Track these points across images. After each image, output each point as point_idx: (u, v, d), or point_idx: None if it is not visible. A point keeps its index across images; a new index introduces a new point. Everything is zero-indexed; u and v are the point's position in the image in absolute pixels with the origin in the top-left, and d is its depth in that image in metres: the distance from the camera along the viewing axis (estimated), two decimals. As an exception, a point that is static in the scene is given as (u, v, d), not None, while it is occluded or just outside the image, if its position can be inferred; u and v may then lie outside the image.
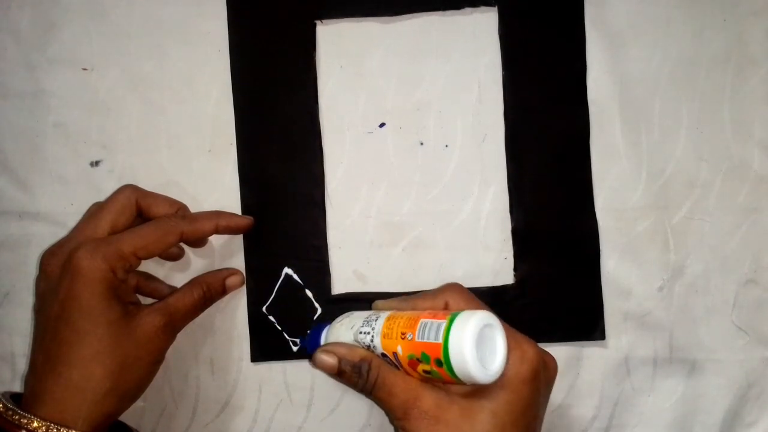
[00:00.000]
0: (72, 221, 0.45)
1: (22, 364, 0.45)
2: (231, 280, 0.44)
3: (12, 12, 0.46)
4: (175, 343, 0.42)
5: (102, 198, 0.45)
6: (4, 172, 0.45)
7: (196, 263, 0.45)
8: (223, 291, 0.43)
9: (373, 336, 0.37)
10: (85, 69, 0.46)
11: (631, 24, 0.46)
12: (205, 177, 0.45)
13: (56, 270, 0.38)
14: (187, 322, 0.42)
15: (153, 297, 0.44)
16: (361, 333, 0.38)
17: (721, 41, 0.46)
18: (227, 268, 0.44)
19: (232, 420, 0.45)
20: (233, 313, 0.45)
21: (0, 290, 0.45)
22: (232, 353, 0.45)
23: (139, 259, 0.39)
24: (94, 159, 0.46)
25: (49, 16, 0.46)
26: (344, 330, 0.39)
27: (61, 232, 0.45)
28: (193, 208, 0.45)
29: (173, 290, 0.43)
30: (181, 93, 0.46)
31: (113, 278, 0.37)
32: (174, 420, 0.45)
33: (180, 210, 0.43)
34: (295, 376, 0.45)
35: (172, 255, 0.44)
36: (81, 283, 0.37)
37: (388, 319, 0.37)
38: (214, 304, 0.45)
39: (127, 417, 0.40)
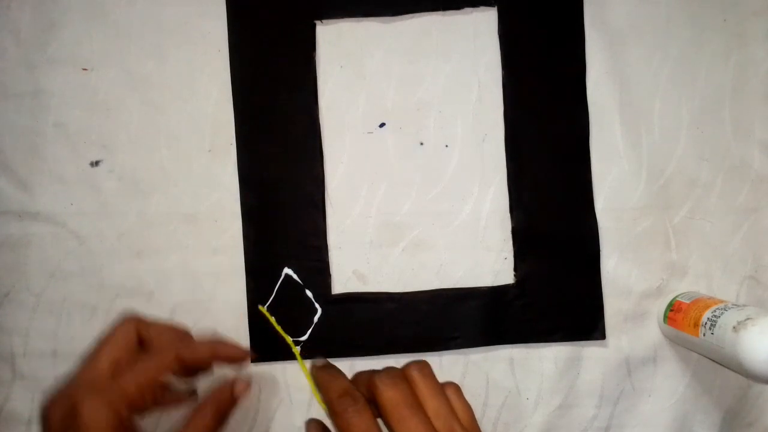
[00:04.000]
0: (72, 221, 0.45)
1: (22, 364, 0.45)
2: (239, 390, 0.40)
3: (12, 12, 0.46)
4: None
5: (102, 198, 0.45)
6: (4, 172, 0.45)
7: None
8: (233, 402, 0.40)
9: None
10: (85, 69, 0.46)
11: (631, 24, 0.46)
12: (205, 177, 0.45)
13: (59, 422, 0.35)
14: None
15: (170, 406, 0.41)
16: None
17: (721, 41, 0.46)
18: (233, 378, 0.40)
19: (232, 420, 0.45)
20: (233, 314, 0.45)
21: (0, 290, 0.45)
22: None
23: (145, 399, 0.36)
24: (94, 159, 0.46)
25: (49, 16, 0.46)
26: None
27: (61, 232, 0.45)
28: (193, 208, 0.45)
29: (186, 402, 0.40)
30: (181, 93, 0.46)
31: (120, 425, 0.35)
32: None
33: (183, 336, 0.40)
34: (295, 376, 0.45)
35: (182, 398, 0.41)
36: None
37: None
38: (215, 304, 0.45)
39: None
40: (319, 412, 0.45)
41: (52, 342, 0.45)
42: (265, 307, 0.45)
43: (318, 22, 0.46)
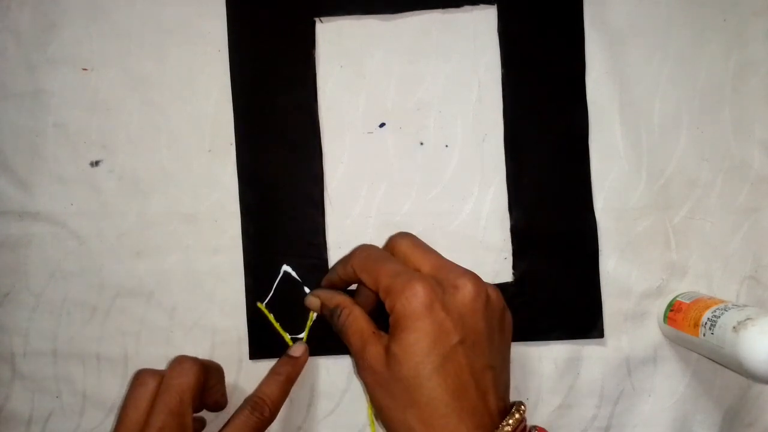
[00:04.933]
0: (72, 221, 0.45)
1: (22, 364, 0.45)
2: (296, 352, 0.43)
3: (12, 12, 0.46)
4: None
5: (102, 198, 0.45)
6: (4, 172, 0.45)
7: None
8: (301, 365, 0.43)
9: None
10: (85, 69, 0.46)
11: (631, 24, 0.46)
12: (204, 177, 0.45)
13: None
14: None
15: (216, 406, 0.42)
16: None
17: (721, 41, 0.46)
18: (289, 349, 0.43)
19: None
20: (233, 315, 0.45)
21: (0, 290, 0.45)
22: (232, 354, 0.45)
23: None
24: (94, 159, 0.46)
25: (49, 16, 0.46)
26: None
27: (61, 232, 0.45)
28: (193, 208, 0.45)
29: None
30: (181, 93, 0.46)
31: None
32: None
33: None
34: (294, 376, 0.45)
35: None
36: None
37: None
38: (215, 304, 0.45)
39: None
40: (320, 411, 0.45)
41: (51, 342, 0.45)
42: (264, 303, 0.45)
43: (318, 20, 0.46)
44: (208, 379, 0.40)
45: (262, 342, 0.45)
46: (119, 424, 0.37)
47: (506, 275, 0.45)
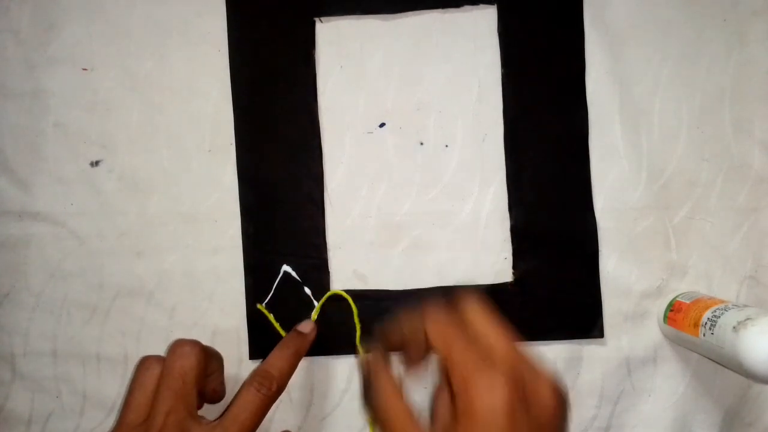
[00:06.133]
0: (72, 221, 0.45)
1: (21, 364, 0.45)
2: (305, 328, 0.43)
3: (12, 12, 0.46)
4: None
5: (102, 198, 0.45)
6: (4, 172, 0.45)
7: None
8: (309, 342, 0.42)
9: None
10: (85, 69, 0.46)
11: (631, 24, 0.46)
12: (204, 177, 0.45)
13: None
14: (259, 423, 0.38)
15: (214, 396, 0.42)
16: None
17: (721, 41, 0.46)
18: (299, 325, 0.43)
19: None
20: (233, 315, 0.45)
21: (0, 290, 0.45)
22: (232, 354, 0.45)
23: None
24: (94, 159, 0.46)
25: (49, 16, 0.46)
26: None
27: (61, 232, 0.45)
28: (193, 208, 0.45)
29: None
30: (181, 93, 0.46)
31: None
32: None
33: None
34: (295, 376, 0.45)
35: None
36: None
37: None
38: (215, 304, 0.45)
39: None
40: (320, 411, 0.45)
41: (52, 342, 0.45)
42: (264, 304, 0.45)
43: (318, 20, 0.46)
44: (208, 365, 0.39)
45: (262, 342, 0.45)
46: (126, 408, 0.37)
47: (506, 275, 0.45)
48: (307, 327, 0.43)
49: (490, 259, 0.45)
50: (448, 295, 0.45)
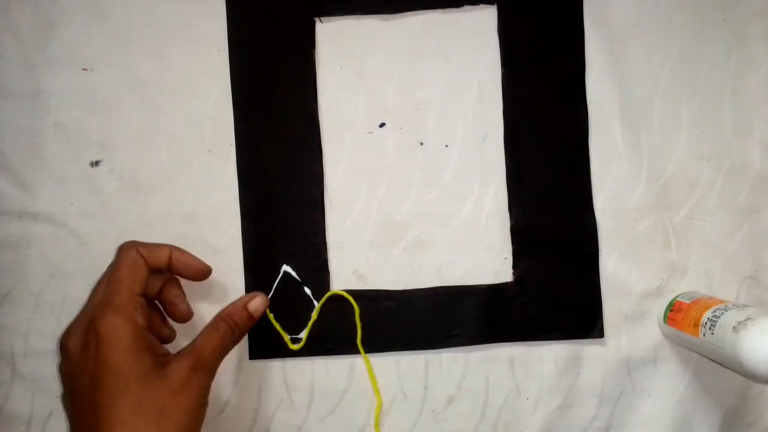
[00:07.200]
0: (72, 221, 0.45)
1: (21, 364, 0.45)
2: (253, 305, 0.43)
3: (12, 12, 0.46)
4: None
5: (102, 198, 0.45)
6: (4, 172, 0.45)
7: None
8: (249, 317, 0.42)
9: None
10: (85, 69, 0.46)
11: (631, 24, 0.46)
12: (204, 177, 0.45)
13: (77, 346, 0.38)
14: (221, 359, 0.40)
15: (174, 309, 0.43)
16: None
17: (721, 41, 0.46)
18: (248, 294, 0.44)
19: (232, 420, 0.45)
20: (233, 313, 0.45)
21: (0, 290, 0.45)
22: (232, 354, 0.45)
23: (141, 292, 0.39)
24: (94, 159, 0.46)
25: (49, 16, 0.46)
26: None
27: (61, 232, 0.45)
28: (193, 208, 0.45)
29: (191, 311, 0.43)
30: (181, 93, 0.46)
31: (134, 329, 0.37)
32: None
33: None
34: (295, 376, 0.45)
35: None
36: (105, 347, 0.36)
37: None
38: (215, 304, 0.45)
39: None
40: (320, 411, 0.45)
41: (52, 342, 0.45)
42: None
43: (318, 20, 0.46)
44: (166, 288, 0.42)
45: (262, 342, 0.45)
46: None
47: (506, 275, 0.45)
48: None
49: (490, 259, 0.45)
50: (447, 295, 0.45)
